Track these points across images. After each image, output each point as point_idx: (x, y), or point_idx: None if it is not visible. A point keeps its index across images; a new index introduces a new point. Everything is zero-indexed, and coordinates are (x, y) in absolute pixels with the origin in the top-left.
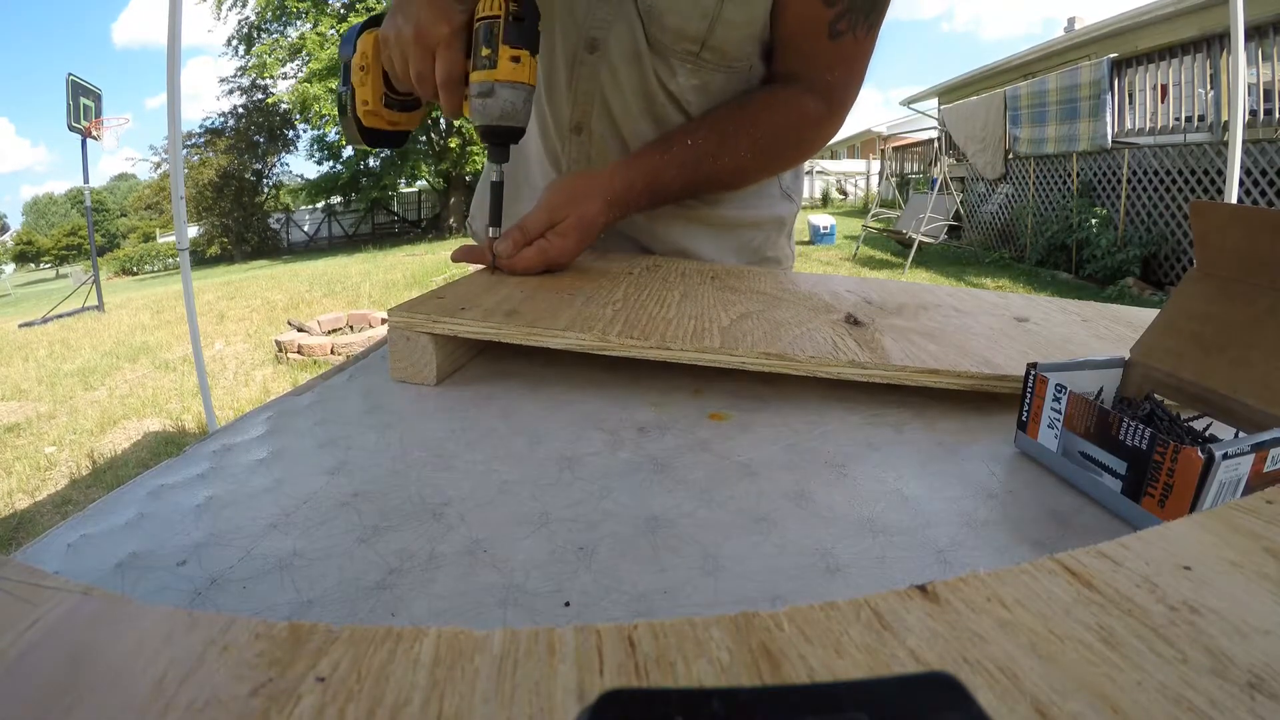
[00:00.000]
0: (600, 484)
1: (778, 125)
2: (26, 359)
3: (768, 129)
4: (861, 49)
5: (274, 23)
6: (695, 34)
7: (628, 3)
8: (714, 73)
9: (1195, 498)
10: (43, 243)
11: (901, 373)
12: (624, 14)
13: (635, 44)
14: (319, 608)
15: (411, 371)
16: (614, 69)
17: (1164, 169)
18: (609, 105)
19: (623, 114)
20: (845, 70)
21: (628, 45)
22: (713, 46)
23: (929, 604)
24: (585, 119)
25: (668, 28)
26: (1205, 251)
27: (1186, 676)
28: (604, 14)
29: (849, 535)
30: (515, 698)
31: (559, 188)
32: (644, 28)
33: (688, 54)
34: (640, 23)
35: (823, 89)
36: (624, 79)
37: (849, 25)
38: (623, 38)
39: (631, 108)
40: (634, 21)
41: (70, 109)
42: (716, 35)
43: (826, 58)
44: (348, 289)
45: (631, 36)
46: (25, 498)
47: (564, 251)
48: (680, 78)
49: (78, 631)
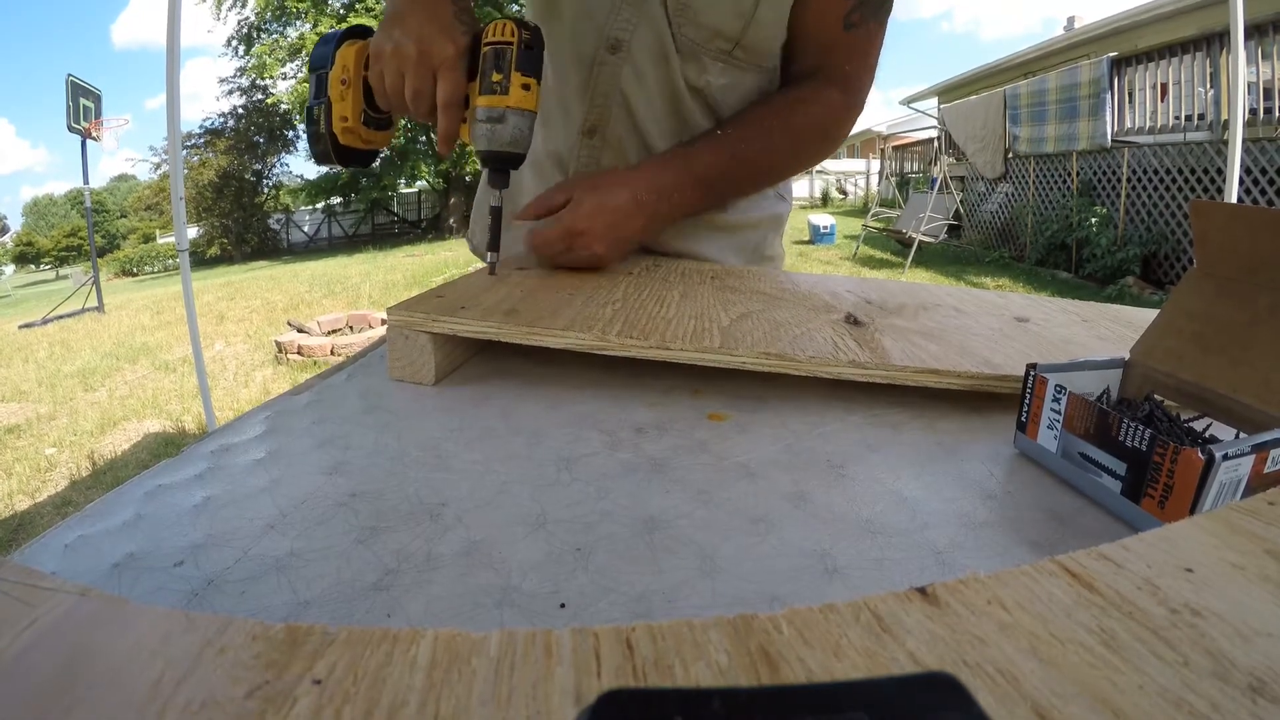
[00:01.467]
0: (598, 485)
1: (809, 119)
2: (26, 360)
3: (802, 123)
4: (874, 39)
5: (274, 23)
6: (731, 33)
7: (654, 3)
8: (744, 71)
9: (1195, 499)
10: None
11: (902, 373)
12: (649, 14)
13: (662, 44)
14: (316, 608)
15: (410, 371)
16: (639, 69)
17: (1164, 168)
18: (631, 106)
19: (646, 114)
20: (860, 61)
21: (654, 45)
22: (746, 45)
23: (928, 606)
24: (602, 121)
25: (703, 25)
26: (1205, 251)
27: (1188, 680)
28: (628, 15)
29: (848, 536)
30: (512, 700)
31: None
32: (671, 27)
33: (720, 52)
34: (668, 22)
35: (841, 80)
36: (650, 79)
37: (862, 17)
38: (648, 37)
39: (656, 108)
40: (660, 21)
41: (70, 110)
42: (750, 35)
43: (843, 49)
44: (347, 290)
45: (658, 36)
46: (25, 499)
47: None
48: (710, 76)
49: (75, 632)
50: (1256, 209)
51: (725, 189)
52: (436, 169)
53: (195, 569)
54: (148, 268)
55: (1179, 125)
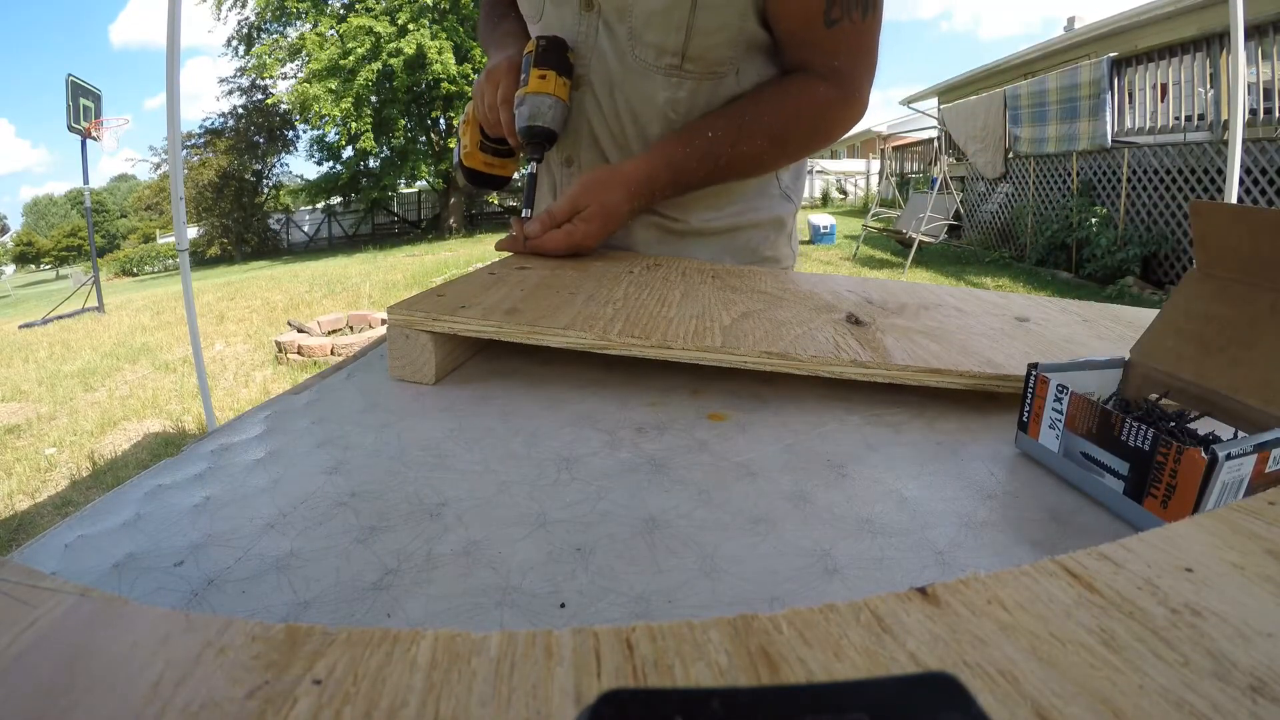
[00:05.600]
0: (598, 484)
1: (791, 111)
2: (27, 360)
3: (782, 115)
4: (861, 32)
5: (274, 23)
6: (674, 47)
7: (603, 36)
8: (700, 81)
9: (1198, 498)
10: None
11: (904, 372)
12: (599, 47)
13: (610, 73)
14: (315, 608)
15: (410, 370)
16: (597, 100)
17: (1164, 168)
18: (596, 136)
19: (609, 143)
20: (850, 55)
21: (605, 75)
22: (693, 56)
23: (929, 606)
24: (574, 151)
25: (649, 44)
26: (1205, 251)
27: (1188, 680)
28: (585, 54)
29: (848, 536)
30: (512, 701)
31: (584, 180)
32: (619, 54)
33: (670, 67)
34: (615, 50)
35: (831, 75)
36: (605, 106)
37: (843, 11)
38: (601, 69)
39: (616, 134)
40: (608, 53)
41: (70, 110)
42: (694, 44)
43: (829, 45)
44: (348, 290)
45: (608, 66)
46: (25, 499)
47: (588, 235)
48: (666, 91)
49: (75, 633)
50: (1256, 209)
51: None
52: (436, 169)
53: (195, 569)
54: (148, 267)
55: (1179, 125)
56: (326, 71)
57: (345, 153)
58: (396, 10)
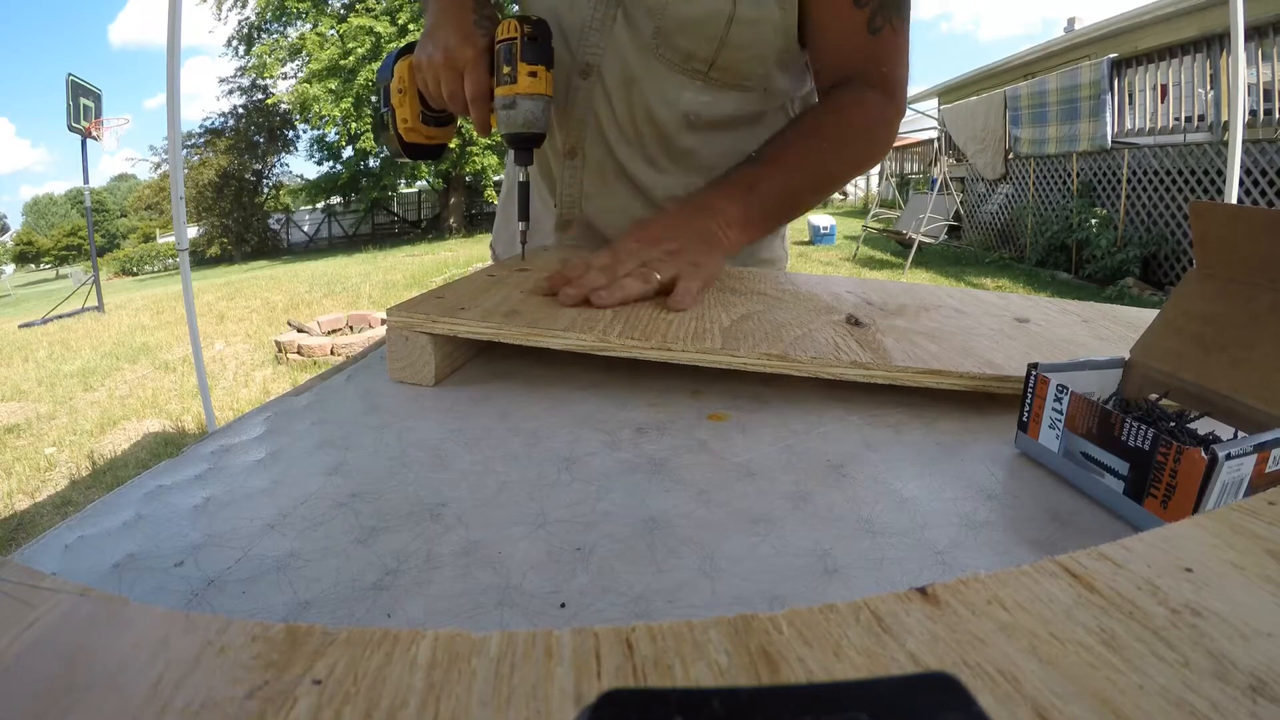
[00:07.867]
0: (598, 485)
1: (854, 125)
2: (26, 359)
3: (846, 131)
4: (900, 38)
5: (274, 23)
6: (704, 55)
7: (621, 26)
8: (724, 90)
9: (1198, 498)
10: (43, 243)
11: (904, 373)
12: (615, 41)
13: (629, 67)
14: (316, 609)
15: (410, 372)
16: (609, 92)
17: (1164, 169)
18: (603, 128)
19: (617, 137)
20: (893, 60)
21: (621, 70)
22: (721, 67)
23: (929, 606)
24: (579, 143)
25: (677, 48)
26: (1205, 251)
27: (1188, 680)
28: (595, 40)
29: (848, 536)
30: (512, 701)
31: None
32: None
33: (696, 72)
34: (636, 44)
35: (880, 82)
36: (618, 102)
37: (884, 19)
38: (616, 63)
39: (627, 131)
40: (627, 48)
41: (70, 109)
42: (724, 57)
43: (874, 53)
44: (347, 289)
45: (625, 59)
46: (25, 499)
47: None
48: (689, 93)
49: (74, 633)
50: (1256, 210)
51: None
52: (436, 169)
53: (195, 569)
54: (148, 267)
55: (1179, 126)
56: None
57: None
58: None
